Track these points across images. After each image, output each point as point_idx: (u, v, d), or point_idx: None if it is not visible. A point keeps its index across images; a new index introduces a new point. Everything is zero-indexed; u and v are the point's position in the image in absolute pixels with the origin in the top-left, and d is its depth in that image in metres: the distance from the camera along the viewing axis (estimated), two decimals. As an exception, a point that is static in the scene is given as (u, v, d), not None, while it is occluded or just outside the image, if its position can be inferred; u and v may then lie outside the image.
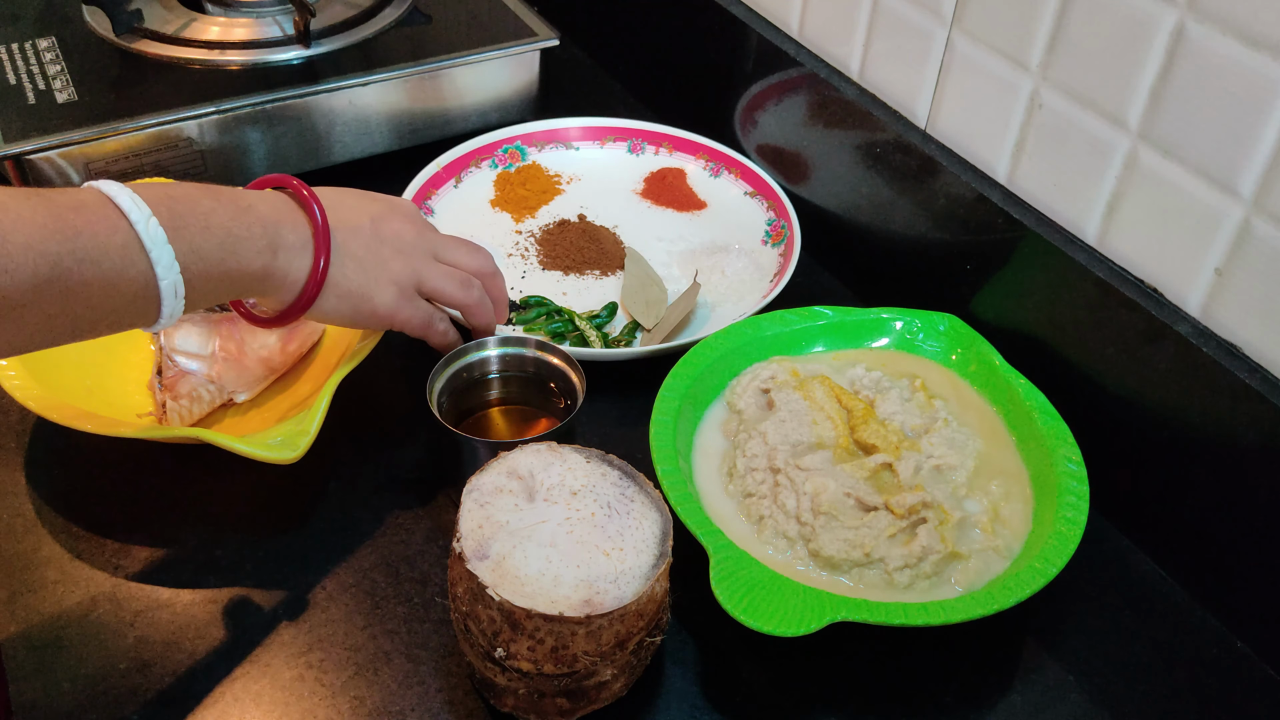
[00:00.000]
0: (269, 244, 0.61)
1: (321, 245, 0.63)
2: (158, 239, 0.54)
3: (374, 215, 0.68)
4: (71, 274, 0.51)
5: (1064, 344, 0.75)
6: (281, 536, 0.70)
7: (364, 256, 0.66)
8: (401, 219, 0.70)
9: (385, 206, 0.69)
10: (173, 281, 0.55)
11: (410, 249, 0.69)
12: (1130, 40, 0.66)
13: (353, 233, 0.66)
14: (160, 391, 0.74)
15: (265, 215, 0.61)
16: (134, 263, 0.54)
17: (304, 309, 0.65)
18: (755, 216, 0.98)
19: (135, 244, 0.54)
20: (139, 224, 0.54)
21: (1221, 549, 0.67)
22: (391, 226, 0.68)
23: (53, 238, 0.50)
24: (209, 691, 0.61)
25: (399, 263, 0.68)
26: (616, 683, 0.58)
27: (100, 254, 0.52)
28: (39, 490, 0.72)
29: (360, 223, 0.67)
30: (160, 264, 0.55)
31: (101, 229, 0.53)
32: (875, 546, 0.65)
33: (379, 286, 0.67)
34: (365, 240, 0.66)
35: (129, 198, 0.54)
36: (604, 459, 0.60)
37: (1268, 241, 0.62)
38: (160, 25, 1.00)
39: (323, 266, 0.63)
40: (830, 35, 0.90)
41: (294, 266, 0.63)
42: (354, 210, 0.67)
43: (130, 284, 0.54)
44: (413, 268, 0.69)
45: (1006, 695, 0.64)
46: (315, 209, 0.63)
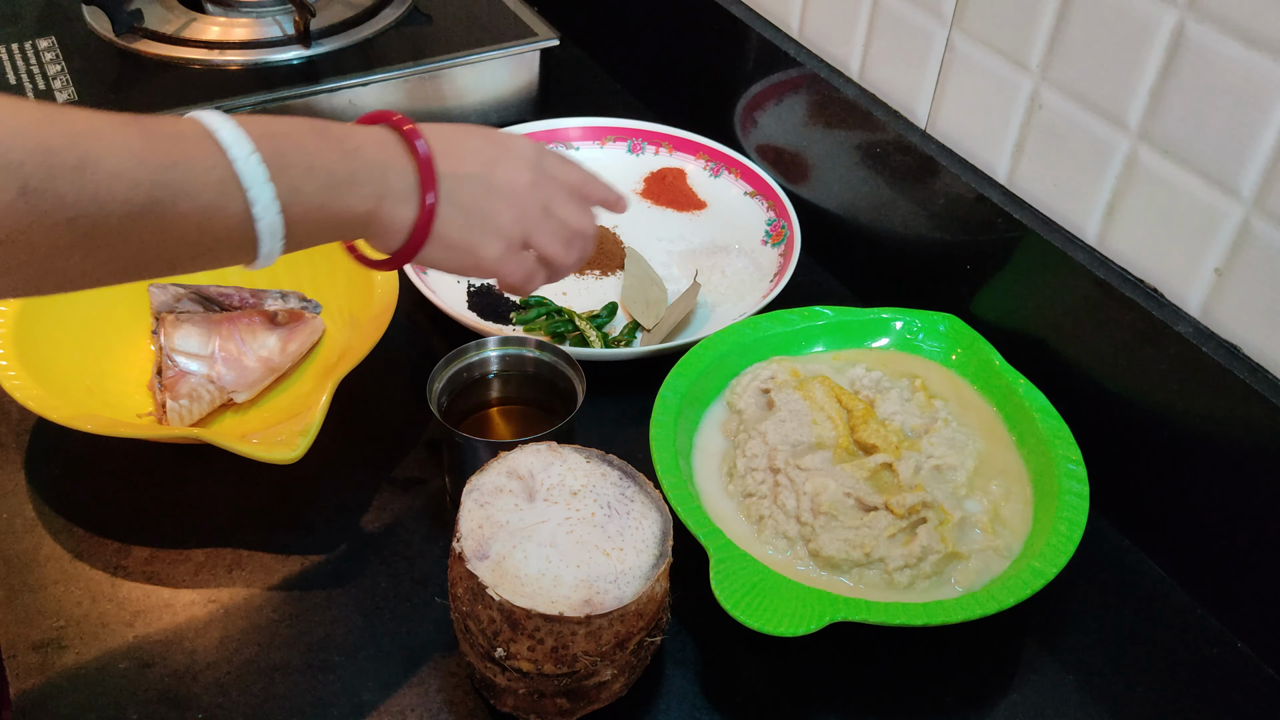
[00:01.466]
0: (374, 190, 0.58)
1: (427, 192, 0.60)
2: (257, 177, 0.52)
3: (488, 160, 0.64)
4: (165, 206, 0.49)
5: (1064, 344, 0.75)
6: (281, 536, 0.70)
7: (473, 207, 0.63)
8: (516, 164, 0.65)
9: (501, 149, 0.65)
10: (270, 221, 0.53)
11: (522, 200, 0.65)
12: (1130, 40, 0.66)
13: (463, 180, 0.62)
14: (160, 391, 0.74)
15: (372, 159, 0.58)
16: (231, 199, 0.52)
17: (409, 258, 0.62)
18: (755, 216, 0.98)
19: (232, 180, 0.51)
20: (239, 160, 0.51)
21: (1221, 549, 0.67)
22: (505, 173, 0.64)
23: (145, 166, 0.48)
24: (209, 692, 0.61)
25: (509, 215, 0.64)
26: (616, 683, 0.58)
27: (196, 188, 0.50)
28: (39, 490, 0.72)
29: (473, 170, 0.63)
30: (258, 203, 0.52)
31: (199, 162, 0.50)
32: (875, 546, 0.65)
33: (486, 239, 0.63)
34: (476, 189, 0.63)
35: (231, 131, 0.52)
36: (604, 459, 0.60)
37: (1268, 241, 0.62)
38: (160, 25, 1.00)
39: (429, 217, 0.60)
40: (830, 35, 0.90)
41: (399, 214, 0.60)
42: (468, 155, 0.63)
43: (226, 220, 0.52)
44: (522, 222, 0.65)
45: (1006, 695, 0.64)
46: (421, 153, 0.60)
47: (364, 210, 0.58)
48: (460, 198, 0.62)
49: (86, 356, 0.77)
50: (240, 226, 0.52)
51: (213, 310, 0.80)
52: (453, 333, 0.84)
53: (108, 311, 0.80)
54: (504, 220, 0.64)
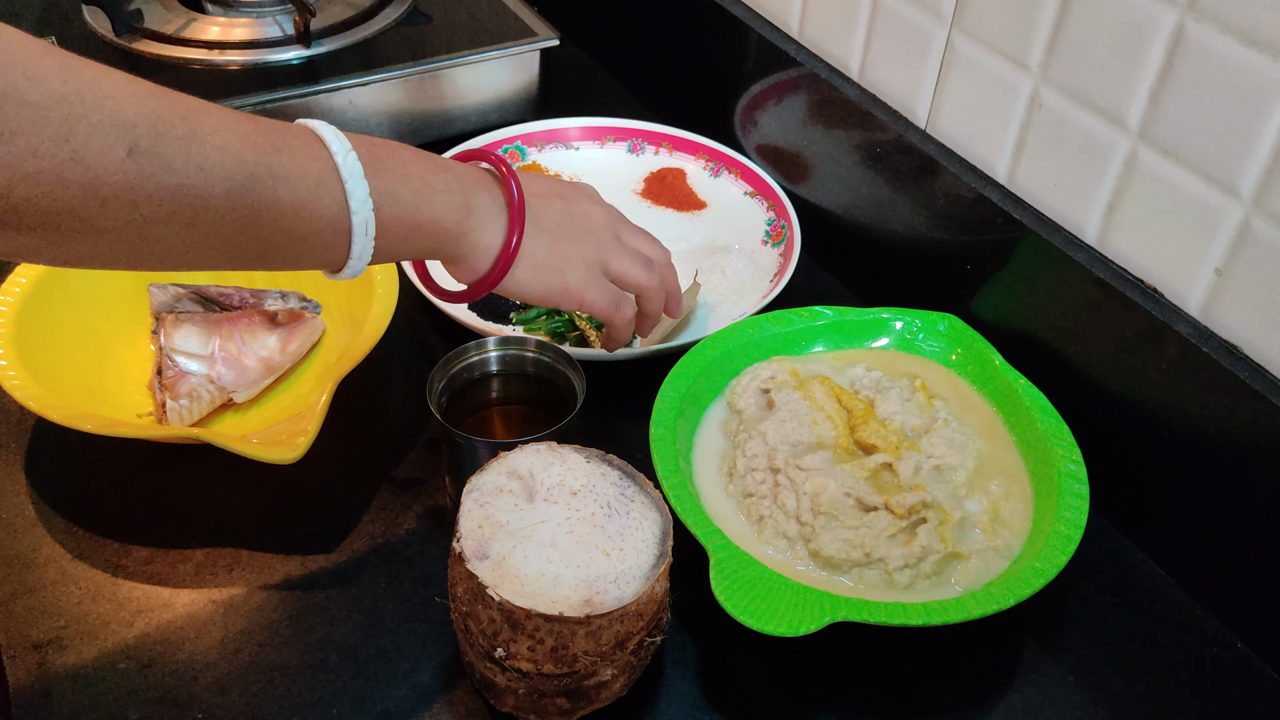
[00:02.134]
0: (464, 202, 0.60)
1: (516, 215, 0.62)
2: (354, 172, 0.54)
3: (563, 194, 0.68)
4: (266, 188, 0.51)
5: (1064, 344, 0.75)
6: (281, 536, 0.70)
7: (555, 231, 0.65)
8: (589, 201, 0.69)
9: (572, 189, 0.69)
10: (365, 218, 0.55)
11: (599, 230, 0.68)
12: (1130, 40, 0.66)
13: (545, 205, 0.65)
14: (160, 391, 0.74)
15: (463, 175, 0.61)
16: (329, 190, 0.54)
17: (499, 278, 0.63)
18: (755, 216, 0.98)
19: (332, 172, 0.54)
20: (338, 154, 0.54)
21: (1221, 549, 0.67)
22: (581, 206, 0.68)
23: (252, 148, 0.51)
24: (209, 691, 0.61)
25: (588, 241, 0.67)
26: (616, 683, 0.58)
27: (297, 175, 0.52)
28: (39, 490, 0.72)
29: (550, 200, 0.66)
30: (355, 197, 0.54)
31: (301, 152, 0.53)
32: (875, 546, 0.65)
33: (570, 262, 0.66)
34: (556, 216, 0.66)
35: (332, 132, 0.55)
36: (604, 459, 0.60)
37: (1268, 241, 0.62)
38: (160, 25, 1.00)
39: (518, 234, 0.63)
40: (830, 35, 0.90)
41: (488, 231, 0.62)
42: (545, 188, 0.67)
43: (323, 211, 0.54)
44: (601, 248, 0.68)
45: (1006, 695, 0.64)
46: (512, 183, 0.63)
47: (454, 221, 0.60)
48: (544, 221, 0.65)
49: (86, 356, 0.77)
50: (335, 220, 0.55)
51: (213, 310, 0.80)
52: (453, 333, 0.84)
53: (108, 311, 0.80)
54: (585, 244, 0.67)
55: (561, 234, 0.66)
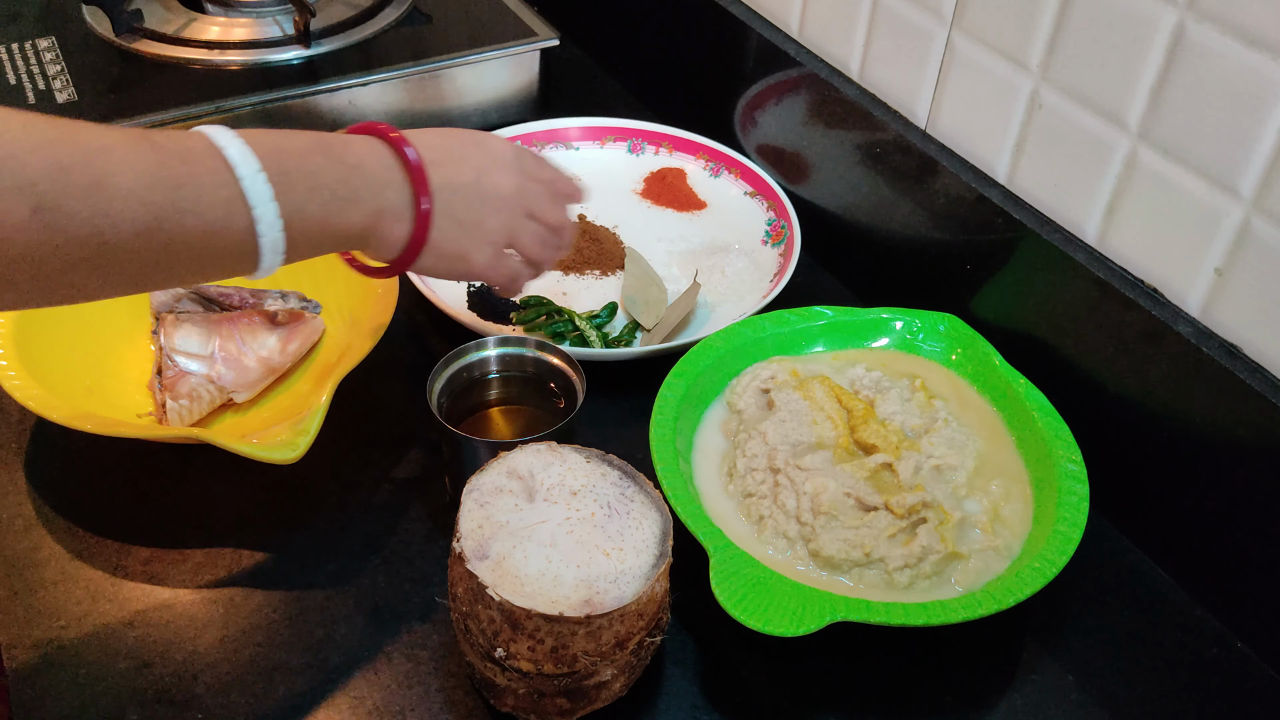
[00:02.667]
0: (373, 208, 0.60)
1: (423, 214, 0.62)
2: (263, 196, 0.54)
3: (478, 167, 0.67)
4: (173, 224, 0.51)
5: (1064, 344, 0.75)
6: (281, 536, 0.70)
7: (465, 219, 0.65)
8: (503, 170, 0.68)
9: (488, 157, 0.68)
10: (273, 239, 0.55)
11: (510, 207, 0.68)
12: (1130, 40, 0.66)
13: (456, 191, 0.65)
14: (160, 391, 0.74)
15: (372, 175, 0.60)
16: (237, 217, 0.53)
17: (405, 268, 0.65)
18: (755, 216, 0.98)
19: (239, 199, 0.53)
20: (245, 179, 0.53)
21: (1221, 549, 0.67)
22: (493, 180, 0.67)
23: (157, 186, 0.50)
24: (209, 691, 0.61)
25: (496, 221, 0.68)
26: (616, 683, 0.58)
27: (204, 206, 0.52)
28: (39, 490, 0.72)
29: (465, 179, 0.65)
30: (263, 221, 0.54)
31: (207, 181, 0.52)
32: (875, 546, 0.65)
33: (477, 246, 0.67)
34: (467, 199, 0.65)
35: (239, 149, 0.53)
36: (604, 459, 0.60)
37: (1268, 241, 0.62)
38: (160, 25, 1.00)
39: (424, 231, 0.63)
40: (830, 35, 0.90)
41: (396, 229, 0.62)
42: (460, 164, 0.66)
43: (231, 236, 0.54)
44: (508, 228, 0.69)
45: (1006, 695, 0.64)
46: (414, 163, 0.62)
47: (363, 225, 0.60)
48: (453, 209, 0.64)
49: (86, 356, 0.77)
50: (244, 242, 0.54)
51: (213, 310, 0.80)
52: (453, 333, 0.84)
53: (108, 311, 0.80)
54: (492, 226, 0.67)
55: (469, 219, 0.66)
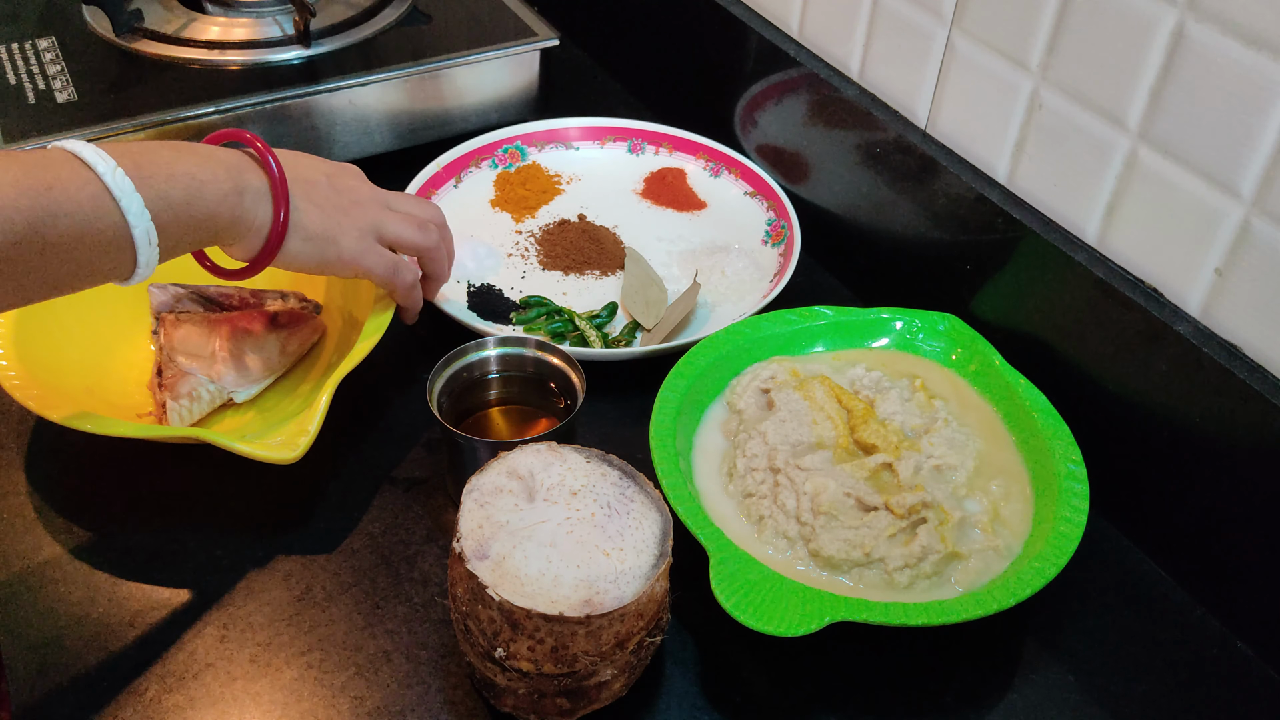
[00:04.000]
0: (234, 188, 0.63)
1: (280, 190, 0.65)
2: (125, 188, 0.56)
3: (328, 173, 0.71)
4: (47, 228, 0.53)
5: (1064, 344, 0.75)
6: (281, 536, 0.70)
7: (324, 204, 0.69)
8: (353, 177, 0.73)
9: (337, 168, 0.72)
10: (145, 229, 0.57)
11: (366, 201, 0.72)
12: (1130, 40, 0.66)
13: (310, 185, 0.68)
14: (160, 391, 0.74)
15: (227, 161, 0.63)
16: (106, 213, 0.56)
17: (273, 253, 0.67)
18: (755, 216, 0.98)
19: (105, 195, 0.55)
20: (105, 175, 0.55)
21: (1221, 549, 0.67)
22: (346, 182, 0.72)
23: (26, 194, 0.52)
24: (209, 691, 0.61)
25: (358, 211, 0.71)
26: (616, 683, 0.58)
27: (73, 206, 0.54)
28: (39, 490, 0.72)
29: (316, 178, 0.69)
30: (130, 212, 0.56)
31: (71, 183, 0.54)
32: (875, 546, 0.65)
33: (342, 231, 0.69)
34: (323, 191, 0.69)
35: (92, 151, 0.56)
36: (604, 459, 0.60)
37: (1268, 241, 0.62)
38: (160, 25, 1.00)
39: (285, 208, 0.65)
40: (830, 35, 0.90)
41: (259, 210, 0.65)
42: (308, 168, 0.70)
43: (103, 234, 0.56)
44: (372, 216, 0.72)
45: (1006, 695, 0.64)
46: (270, 159, 0.65)
47: (227, 210, 0.63)
48: (312, 195, 0.68)
49: (86, 356, 0.77)
50: (117, 238, 0.57)
51: (213, 310, 0.80)
52: (453, 333, 0.84)
53: (108, 311, 0.80)
54: (354, 214, 0.70)
55: (330, 206, 0.69)
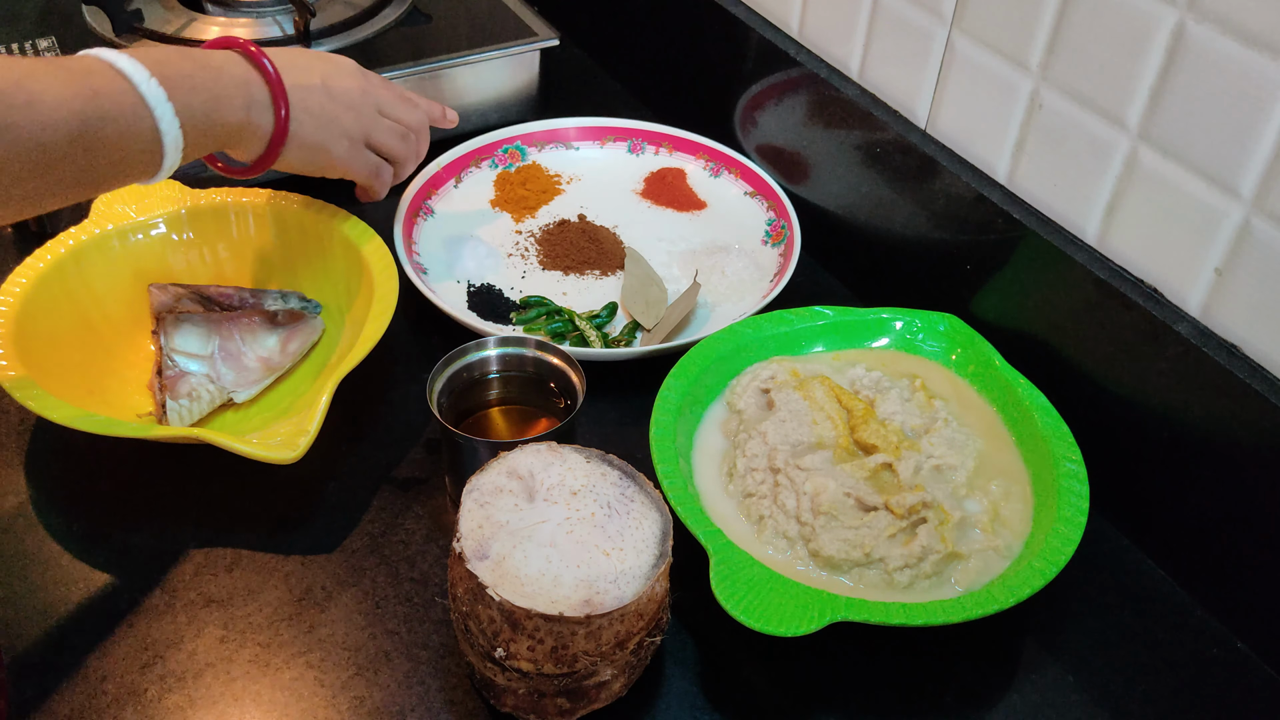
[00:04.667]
0: (245, 101, 0.69)
1: (280, 101, 0.71)
2: (159, 97, 0.63)
3: (324, 74, 0.75)
4: (95, 129, 0.60)
5: (1064, 344, 0.75)
6: (281, 536, 0.70)
7: (319, 113, 0.74)
8: (348, 76, 0.77)
9: (332, 65, 0.77)
10: (174, 136, 0.64)
11: (359, 105, 0.77)
12: (1130, 40, 0.66)
13: (308, 91, 0.74)
14: (160, 391, 0.74)
15: (236, 75, 0.69)
16: (143, 119, 0.62)
17: (273, 159, 0.74)
18: (755, 216, 0.98)
19: (142, 104, 0.62)
20: (141, 85, 0.62)
21: (1221, 549, 0.67)
22: (341, 83, 0.76)
23: (77, 98, 0.59)
24: (209, 691, 0.61)
25: (350, 118, 0.77)
26: (616, 683, 0.58)
27: (117, 112, 0.61)
28: (39, 490, 0.72)
29: (313, 82, 0.74)
30: (163, 120, 0.63)
31: (113, 90, 0.61)
32: (875, 546, 0.65)
33: (334, 139, 0.76)
34: (319, 98, 0.74)
35: (128, 61, 0.62)
36: (604, 459, 0.60)
37: (1268, 241, 0.62)
38: (160, 25, 1.00)
39: (285, 120, 0.72)
40: (830, 35, 0.90)
41: (264, 120, 0.71)
42: (305, 70, 0.74)
43: (140, 139, 0.63)
44: (362, 123, 0.78)
45: (1006, 695, 0.64)
46: (270, 70, 0.71)
47: (238, 120, 0.69)
48: (309, 104, 0.74)
49: (86, 356, 0.77)
50: (151, 142, 0.63)
51: (213, 310, 0.80)
52: (453, 333, 0.84)
53: (108, 311, 0.80)
54: (347, 121, 0.77)
55: (325, 115, 0.75)
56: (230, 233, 0.85)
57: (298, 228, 0.85)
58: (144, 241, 0.83)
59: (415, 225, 0.93)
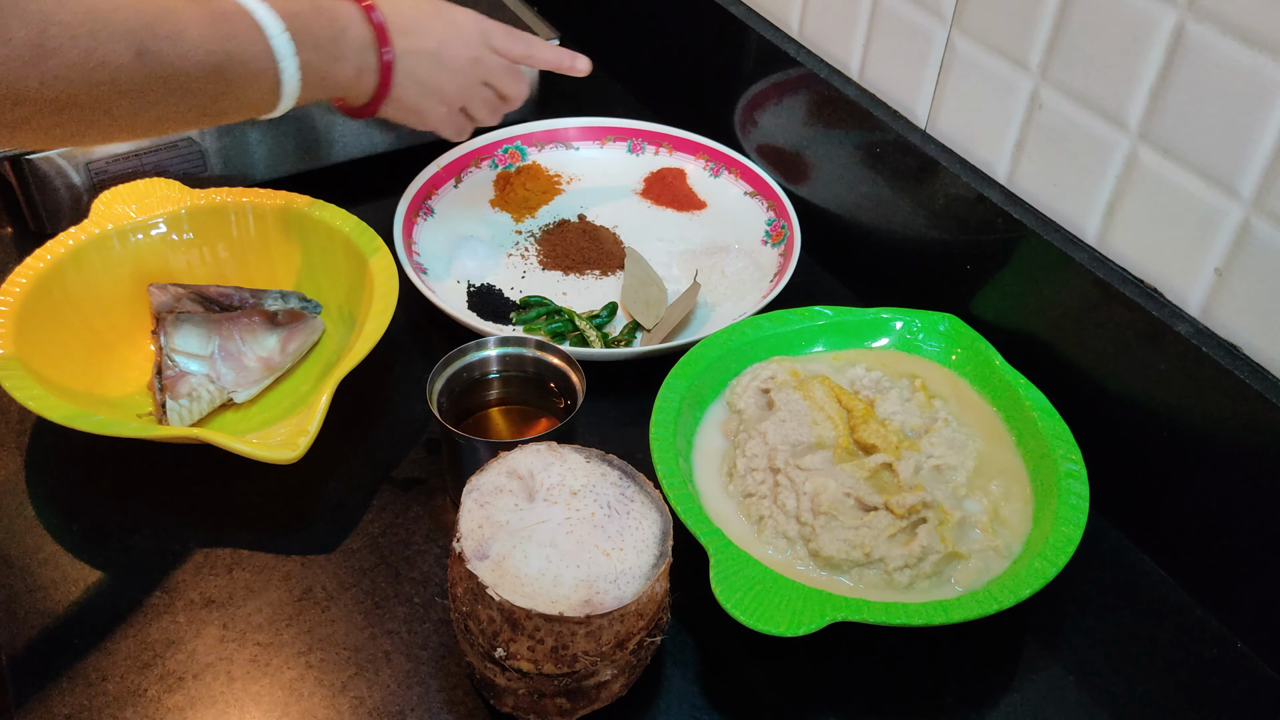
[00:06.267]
0: (358, 65, 0.75)
1: (387, 72, 0.77)
2: (287, 51, 0.68)
3: (441, 39, 0.79)
4: (227, 68, 0.65)
5: (1064, 344, 0.75)
6: (281, 536, 0.70)
7: (424, 80, 0.79)
8: (464, 43, 0.81)
9: (454, 30, 0.81)
10: (293, 87, 0.70)
11: (465, 74, 0.82)
12: (1130, 40, 0.66)
13: (418, 57, 0.78)
14: (160, 391, 0.74)
15: (355, 40, 0.74)
16: (269, 67, 0.68)
17: (371, 113, 0.79)
18: (755, 216, 0.98)
19: (270, 55, 0.67)
20: (274, 38, 0.67)
21: (1221, 549, 0.67)
22: (454, 51, 0.80)
23: (216, 37, 0.64)
24: (209, 691, 0.61)
25: (452, 87, 0.81)
26: (616, 683, 0.58)
27: (249, 56, 0.66)
28: (39, 490, 0.72)
29: (427, 47, 0.78)
30: (286, 72, 0.68)
31: (248, 37, 0.66)
32: (875, 546, 0.65)
33: (432, 105, 0.81)
34: (427, 65, 0.79)
35: (266, 12, 0.67)
36: (604, 459, 0.60)
37: (1268, 241, 0.62)
38: None
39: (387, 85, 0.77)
40: (830, 35, 0.90)
41: (369, 83, 0.77)
42: (424, 33, 0.79)
43: (264, 84, 0.68)
44: (462, 93, 0.82)
45: (1006, 695, 0.64)
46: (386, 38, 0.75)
47: (347, 78, 0.75)
48: (415, 71, 0.78)
49: (86, 356, 0.77)
50: (272, 88, 0.69)
51: (213, 310, 0.80)
52: (453, 333, 0.84)
53: (108, 311, 0.80)
54: (448, 90, 0.81)
55: (430, 83, 0.79)
56: (230, 233, 0.85)
57: (298, 228, 0.85)
58: (144, 241, 0.83)
59: (415, 225, 0.93)
